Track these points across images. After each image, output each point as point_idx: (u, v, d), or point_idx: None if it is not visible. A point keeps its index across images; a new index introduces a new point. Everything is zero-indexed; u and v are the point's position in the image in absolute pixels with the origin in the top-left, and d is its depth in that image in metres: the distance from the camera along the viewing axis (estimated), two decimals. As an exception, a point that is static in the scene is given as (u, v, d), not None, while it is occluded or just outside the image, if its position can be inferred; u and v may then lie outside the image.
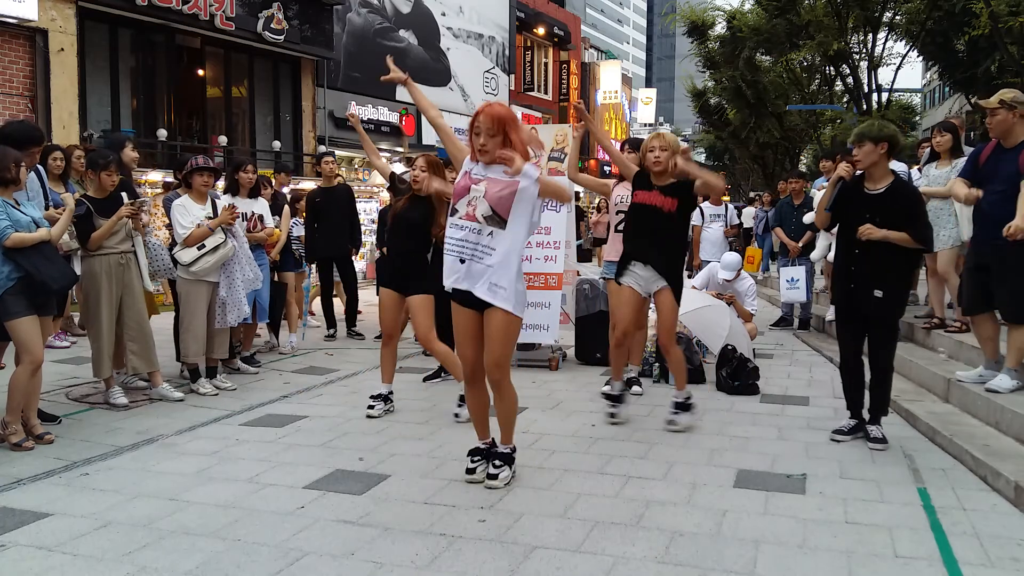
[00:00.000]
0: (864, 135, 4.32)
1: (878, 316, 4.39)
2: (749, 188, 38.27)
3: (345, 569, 2.95)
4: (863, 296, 4.37)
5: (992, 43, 16.45)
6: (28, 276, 4.29)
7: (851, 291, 4.45)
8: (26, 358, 4.36)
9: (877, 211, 4.28)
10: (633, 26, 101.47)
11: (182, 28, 13.59)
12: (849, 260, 4.44)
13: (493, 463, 3.85)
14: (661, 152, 4.72)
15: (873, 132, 4.30)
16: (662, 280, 4.75)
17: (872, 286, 4.33)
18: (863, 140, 4.31)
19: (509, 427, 3.91)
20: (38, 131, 5.22)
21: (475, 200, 3.58)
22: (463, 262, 3.60)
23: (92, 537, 3.23)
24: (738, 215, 10.64)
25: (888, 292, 4.32)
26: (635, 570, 2.94)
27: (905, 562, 3.01)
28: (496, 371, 3.73)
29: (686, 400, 4.86)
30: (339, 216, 8.03)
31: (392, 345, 5.37)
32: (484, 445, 3.98)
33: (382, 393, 5.30)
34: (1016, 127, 4.77)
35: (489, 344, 3.70)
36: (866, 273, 4.35)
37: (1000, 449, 4.10)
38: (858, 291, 4.40)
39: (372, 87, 18.96)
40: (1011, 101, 4.75)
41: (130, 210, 5.17)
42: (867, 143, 4.29)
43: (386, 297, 5.23)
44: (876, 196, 4.34)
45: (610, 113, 35.95)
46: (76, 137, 11.60)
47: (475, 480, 3.88)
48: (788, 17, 22.16)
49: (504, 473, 3.83)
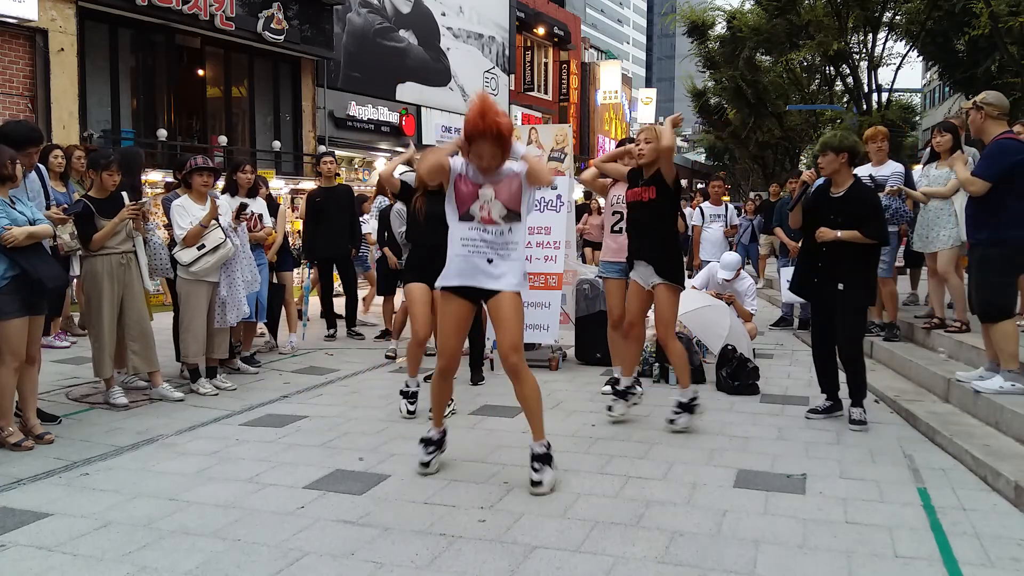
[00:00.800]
0: (826, 145, 4.80)
1: (841, 307, 4.78)
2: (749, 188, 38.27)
3: (345, 569, 2.95)
4: (828, 290, 4.79)
5: (992, 43, 16.46)
6: (23, 274, 4.27)
7: (815, 285, 4.87)
8: (9, 359, 4.32)
9: (839, 212, 4.73)
10: (633, 26, 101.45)
11: (182, 28, 13.59)
12: (816, 256, 4.85)
13: (532, 467, 3.71)
14: (646, 144, 4.77)
15: (834, 143, 4.77)
16: (656, 276, 4.76)
17: (835, 280, 4.73)
18: (826, 150, 4.79)
19: (538, 419, 3.75)
20: (36, 131, 5.22)
21: (487, 204, 3.62)
22: (491, 262, 3.65)
23: (92, 537, 3.23)
24: (738, 215, 10.63)
25: (848, 284, 4.72)
26: (635, 570, 2.94)
27: (905, 562, 3.01)
28: (514, 354, 3.70)
29: (691, 401, 4.75)
30: (339, 216, 8.03)
31: (423, 344, 5.11)
32: (437, 436, 3.99)
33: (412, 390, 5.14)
34: (986, 127, 4.91)
35: (504, 328, 3.69)
36: (829, 268, 4.76)
37: (1000, 449, 4.10)
38: (822, 285, 4.82)
39: (372, 87, 18.97)
40: (980, 102, 4.92)
41: (132, 211, 5.18)
42: (829, 153, 4.76)
43: (418, 291, 5.02)
44: (838, 199, 4.79)
45: (610, 113, 35.93)
46: (76, 137, 11.60)
47: (428, 473, 3.88)
48: (788, 17, 22.19)
49: (548, 477, 3.68)
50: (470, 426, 4.91)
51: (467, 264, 3.68)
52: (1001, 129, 4.87)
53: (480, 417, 5.13)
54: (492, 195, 3.62)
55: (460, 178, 3.68)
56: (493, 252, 3.66)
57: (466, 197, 3.66)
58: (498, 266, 3.66)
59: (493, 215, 3.64)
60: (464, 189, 3.66)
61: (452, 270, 3.74)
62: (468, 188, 3.66)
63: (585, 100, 33.24)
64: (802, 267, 5.03)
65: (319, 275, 8.62)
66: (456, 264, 3.71)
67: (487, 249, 3.66)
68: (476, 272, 3.68)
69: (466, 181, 3.67)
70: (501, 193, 3.63)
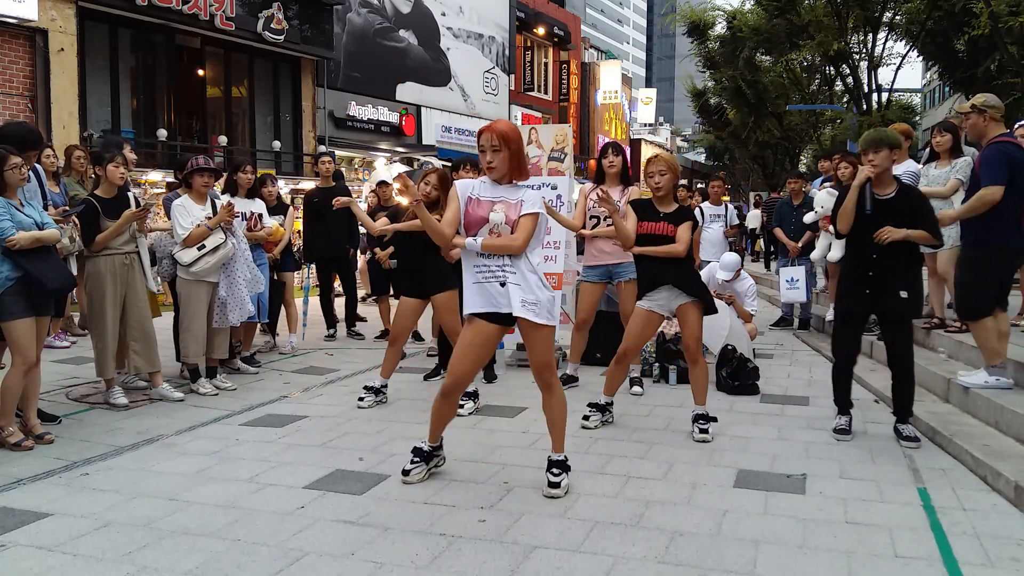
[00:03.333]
0: (881, 142, 4.32)
1: (902, 316, 4.46)
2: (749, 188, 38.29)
3: (345, 569, 2.95)
4: (884, 299, 4.43)
5: (992, 43, 16.46)
6: (26, 275, 4.28)
7: (868, 296, 4.46)
8: (18, 360, 4.34)
9: (891, 215, 4.33)
10: (633, 26, 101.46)
11: (182, 28, 13.58)
12: (866, 266, 4.45)
13: (551, 471, 3.74)
14: (660, 177, 4.60)
15: (892, 138, 4.34)
16: (684, 296, 4.63)
17: (896, 288, 4.39)
18: (880, 146, 4.31)
19: (561, 432, 3.80)
20: (36, 133, 5.23)
21: (498, 228, 3.59)
22: (503, 285, 3.61)
23: (92, 537, 3.23)
24: (738, 215, 10.63)
25: (911, 291, 4.42)
26: (635, 570, 2.94)
27: (905, 562, 3.01)
28: (547, 371, 3.75)
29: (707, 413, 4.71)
30: (338, 216, 8.02)
31: (398, 345, 5.53)
32: (428, 447, 3.94)
33: (375, 386, 5.45)
34: (988, 130, 4.87)
35: (535, 350, 3.73)
36: (887, 276, 4.39)
37: (1000, 449, 4.10)
38: (877, 295, 4.44)
39: (372, 87, 18.97)
40: (981, 105, 4.86)
41: (136, 214, 5.19)
42: (884, 149, 4.31)
43: (407, 305, 5.43)
44: (887, 201, 4.39)
45: (610, 113, 35.93)
46: (76, 137, 11.61)
47: (409, 482, 3.83)
48: (788, 17, 22.20)
49: (565, 480, 3.72)
50: (470, 426, 4.92)
51: (482, 290, 3.66)
52: (1000, 130, 4.88)
53: (480, 417, 5.13)
54: (503, 219, 3.59)
55: (471, 201, 3.66)
56: (504, 276, 3.61)
57: (476, 222, 3.62)
58: (512, 290, 3.61)
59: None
60: (473, 213, 3.63)
61: (472, 297, 3.71)
62: (478, 211, 3.62)
63: (585, 100, 33.25)
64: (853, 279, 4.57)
65: (318, 275, 8.61)
66: (474, 291, 3.69)
67: (500, 273, 3.61)
68: (492, 297, 3.64)
69: (477, 202, 3.64)
70: (511, 218, 3.60)
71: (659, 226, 4.63)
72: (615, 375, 4.94)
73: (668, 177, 4.61)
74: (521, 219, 3.60)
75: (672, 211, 4.69)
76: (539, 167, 7.16)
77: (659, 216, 4.67)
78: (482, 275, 3.64)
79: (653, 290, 4.66)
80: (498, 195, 3.65)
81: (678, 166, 4.79)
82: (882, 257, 4.37)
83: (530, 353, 3.77)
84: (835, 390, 4.74)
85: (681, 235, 4.62)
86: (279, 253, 7.16)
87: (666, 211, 4.69)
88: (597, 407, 4.97)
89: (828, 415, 5.17)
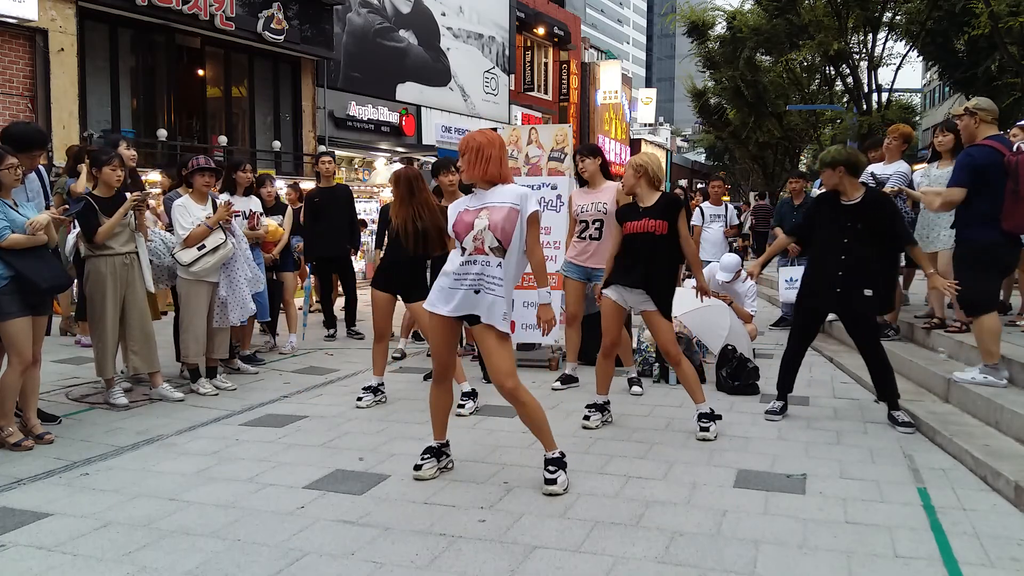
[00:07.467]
0: (822, 163, 4.93)
1: (867, 313, 4.84)
2: (749, 188, 38.29)
3: (345, 569, 2.95)
4: (851, 297, 4.78)
5: (992, 43, 16.45)
6: (19, 275, 4.28)
7: (837, 295, 4.83)
8: (15, 359, 4.34)
9: (858, 218, 4.77)
10: (633, 26, 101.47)
11: (182, 28, 13.60)
12: (836, 266, 4.82)
13: (547, 469, 3.75)
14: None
15: (827, 159, 4.87)
16: (651, 303, 4.68)
17: (862, 286, 4.75)
18: (823, 167, 4.92)
19: (547, 433, 3.80)
20: (42, 133, 5.21)
21: (481, 234, 3.64)
22: (477, 292, 3.65)
23: (92, 537, 3.23)
24: (738, 215, 10.62)
25: (876, 290, 4.78)
26: (635, 570, 2.94)
27: (905, 562, 3.01)
28: (509, 380, 3.70)
29: (711, 411, 4.72)
30: (338, 216, 8.03)
31: (384, 343, 5.56)
32: (436, 444, 4.00)
33: (372, 385, 5.48)
34: (978, 132, 5.04)
35: (492, 359, 3.71)
36: (855, 276, 4.76)
37: (1000, 449, 4.10)
38: (845, 293, 4.80)
39: (372, 87, 18.98)
40: (973, 108, 5.08)
41: (135, 200, 5.18)
42: (826, 169, 4.86)
43: (382, 300, 5.40)
44: (852, 206, 4.82)
45: (610, 113, 35.92)
46: (76, 137, 11.61)
47: (421, 477, 3.87)
48: (788, 17, 22.20)
49: (561, 478, 3.73)
50: (470, 426, 4.92)
51: (452, 294, 3.70)
52: (990, 132, 5.02)
53: (480, 417, 5.13)
54: (486, 225, 3.63)
55: (463, 212, 3.74)
56: (480, 284, 3.65)
57: (463, 228, 3.69)
58: (484, 297, 3.65)
59: (484, 246, 3.64)
60: (462, 220, 3.71)
61: (438, 296, 3.75)
62: (466, 219, 3.70)
63: (585, 100, 33.24)
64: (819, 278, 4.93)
65: (318, 275, 8.61)
66: (444, 293, 3.73)
67: (475, 280, 3.65)
68: (464, 302, 3.68)
69: (467, 212, 3.72)
70: (495, 221, 3.63)
71: (640, 223, 4.69)
72: (604, 370, 4.97)
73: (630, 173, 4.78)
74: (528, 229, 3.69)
75: (652, 204, 4.73)
76: (539, 167, 7.16)
77: (639, 213, 4.73)
78: (458, 280, 3.69)
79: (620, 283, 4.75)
80: (484, 203, 3.71)
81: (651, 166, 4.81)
82: (848, 258, 4.77)
83: (489, 364, 3.75)
84: (780, 375, 5.15)
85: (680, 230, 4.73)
86: (278, 253, 7.16)
87: (646, 206, 4.74)
88: (596, 407, 4.97)
89: (828, 415, 5.19)
